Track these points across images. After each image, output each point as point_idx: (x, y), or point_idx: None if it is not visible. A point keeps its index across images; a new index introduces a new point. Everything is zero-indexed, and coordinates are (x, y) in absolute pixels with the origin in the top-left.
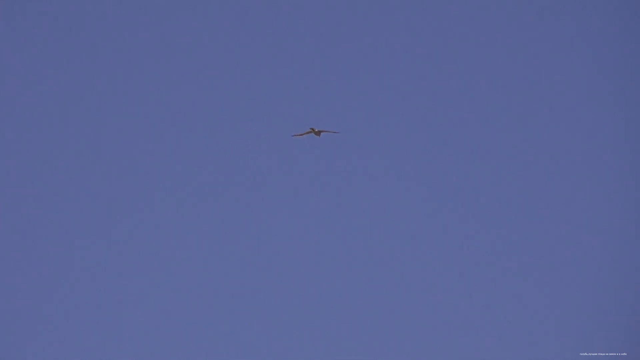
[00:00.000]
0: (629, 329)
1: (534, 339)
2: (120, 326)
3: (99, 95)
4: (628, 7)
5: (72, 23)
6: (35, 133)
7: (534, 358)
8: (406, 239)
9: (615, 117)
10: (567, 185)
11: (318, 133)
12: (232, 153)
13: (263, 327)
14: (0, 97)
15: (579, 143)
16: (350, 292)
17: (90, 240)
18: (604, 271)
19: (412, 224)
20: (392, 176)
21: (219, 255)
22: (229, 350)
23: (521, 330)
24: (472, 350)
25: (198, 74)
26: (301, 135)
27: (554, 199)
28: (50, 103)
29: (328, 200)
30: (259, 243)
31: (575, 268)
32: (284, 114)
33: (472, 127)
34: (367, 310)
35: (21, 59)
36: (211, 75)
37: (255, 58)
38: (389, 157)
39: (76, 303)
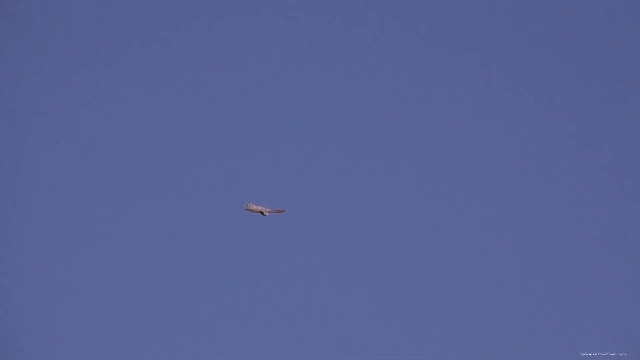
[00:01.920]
0: (629, 329)
1: (534, 339)
2: (120, 326)
3: (97, 95)
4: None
5: (72, 22)
6: (34, 132)
7: (534, 358)
8: (405, 238)
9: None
10: (567, 186)
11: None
12: (230, 152)
13: (263, 327)
14: (1, 97)
15: (580, 144)
16: (350, 292)
17: (90, 240)
18: (604, 271)
19: (411, 223)
20: (390, 176)
21: (219, 255)
22: (229, 351)
23: (521, 330)
24: (472, 350)
25: (192, 74)
26: (253, 211)
27: (553, 199)
28: (48, 103)
29: (327, 199)
30: (259, 243)
31: (575, 268)
32: (281, 113)
33: (472, 126)
34: (367, 310)
35: (21, 59)
36: (206, 74)
37: (251, 57)
38: (389, 157)
39: (76, 303)
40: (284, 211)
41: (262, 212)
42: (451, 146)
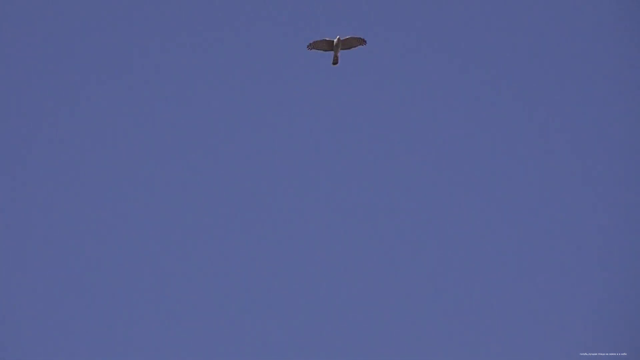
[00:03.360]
0: (629, 329)
1: (534, 339)
2: (119, 327)
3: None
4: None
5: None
6: (33, 132)
7: (534, 358)
8: (405, 237)
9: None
10: (567, 185)
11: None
12: (230, 150)
13: (264, 327)
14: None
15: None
16: (350, 291)
17: (89, 240)
18: (604, 270)
19: (410, 222)
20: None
21: (218, 252)
22: (229, 351)
23: (521, 330)
24: (472, 350)
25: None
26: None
27: (554, 199)
28: (47, 103)
29: (326, 200)
30: (258, 241)
31: (575, 267)
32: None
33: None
34: (369, 310)
35: (22, 59)
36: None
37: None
38: (391, 159)
39: (74, 303)
40: (364, 42)
41: (334, 43)
42: (459, 145)
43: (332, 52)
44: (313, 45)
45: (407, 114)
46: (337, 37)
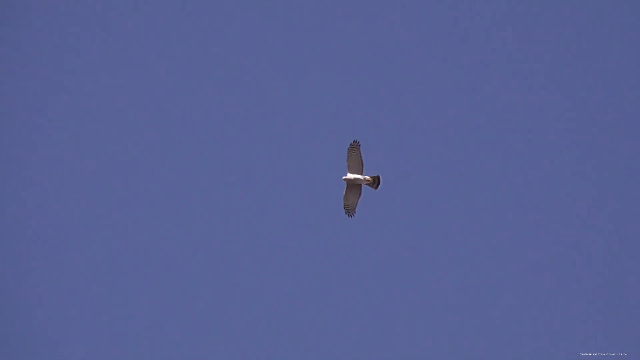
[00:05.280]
0: (629, 329)
1: (533, 338)
2: (117, 326)
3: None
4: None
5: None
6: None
7: (533, 358)
8: (402, 239)
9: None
10: (566, 185)
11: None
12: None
13: (262, 326)
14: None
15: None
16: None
17: (87, 239)
18: (604, 270)
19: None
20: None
21: (216, 252)
22: (229, 351)
23: (521, 329)
24: (472, 349)
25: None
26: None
27: (555, 199)
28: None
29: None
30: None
31: (575, 267)
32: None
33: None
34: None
35: (22, 58)
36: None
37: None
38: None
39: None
40: (357, 144)
41: (349, 181)
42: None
43: (362, 184)
44: (348, 204)
45: (405, 113)
46: (343, 177)
